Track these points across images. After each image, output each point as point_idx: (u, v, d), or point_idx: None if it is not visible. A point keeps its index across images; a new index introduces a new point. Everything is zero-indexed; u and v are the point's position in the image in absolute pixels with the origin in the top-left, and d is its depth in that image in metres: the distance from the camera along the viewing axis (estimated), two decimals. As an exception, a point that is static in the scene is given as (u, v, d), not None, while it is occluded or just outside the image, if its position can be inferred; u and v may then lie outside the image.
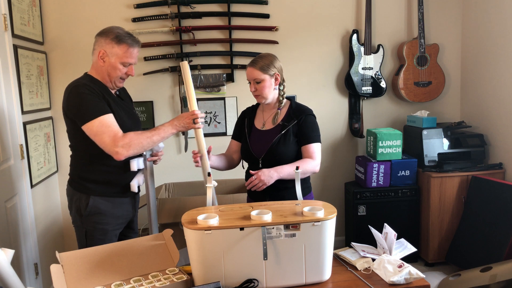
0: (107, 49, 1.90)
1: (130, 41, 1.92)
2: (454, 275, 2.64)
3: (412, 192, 3.25)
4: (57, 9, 3.11)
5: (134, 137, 1.83)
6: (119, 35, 1.90)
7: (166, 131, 1.90)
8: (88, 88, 1.86)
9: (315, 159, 2.01)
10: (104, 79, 1.95)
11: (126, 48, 1.91)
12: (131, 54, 1.92)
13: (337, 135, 3.56)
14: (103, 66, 1.92)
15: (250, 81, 2.06)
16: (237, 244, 1.49)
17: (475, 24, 3.38)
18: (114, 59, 1.91)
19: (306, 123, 2.05)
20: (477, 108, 3.43)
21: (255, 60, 2.06)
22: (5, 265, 1.60)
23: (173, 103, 3.32)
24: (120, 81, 1.98)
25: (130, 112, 2.07)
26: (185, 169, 3.36)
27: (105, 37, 1.91)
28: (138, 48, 1.96)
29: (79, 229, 1.99)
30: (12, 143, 2.46)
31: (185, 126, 1.92)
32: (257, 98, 2.09)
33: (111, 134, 1.80)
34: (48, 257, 2.87)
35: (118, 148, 1.80)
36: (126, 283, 1.55)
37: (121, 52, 1.90)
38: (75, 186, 1.98)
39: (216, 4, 3.24)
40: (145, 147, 1.86)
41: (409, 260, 1.97)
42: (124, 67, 1.93)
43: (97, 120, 1.81)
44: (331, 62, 3.46)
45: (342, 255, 1.79)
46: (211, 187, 1.74)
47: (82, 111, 1.83)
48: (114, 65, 1.91)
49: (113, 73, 1.92)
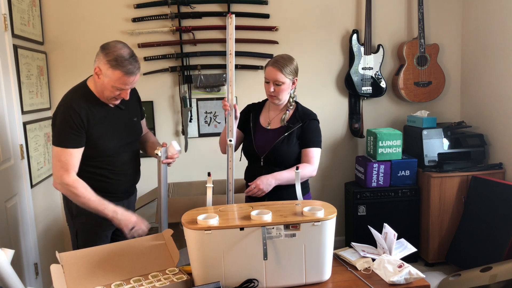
0: (102, 68, 1.79)
1: (126, 69, 1.77)
2: (454, 275, 2.64)
3: (412, 192, 3.24)
4: (57, 9, 3.11)
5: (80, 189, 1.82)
6: (118, 59, 1.76)
7: (105, 210, 1.85)
8: (74, 113, 1.82)
9: (313, 164, 2.04)
10: (98, 93, 1.89)
11: (120, 76, 1.77)
12: (125, 81, 1.80)
13: (337, 135, 3.56)
14: (98, 81, 1.84)
15: (269, 81, 2.03)
16: (237, 244, 1.49)
17: (475, 24, 3.38)
18: (107, 81, 1.80)
19: (310, 127, 2.07)
20: (477, 108, 3.43)
21: (279, 62, 2.01)
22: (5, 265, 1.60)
23: (173, 103, 3.32)
24: (113, 100, 1.88)
25: (125, 125, 1.99)
26: (185, 169, 3.36)
27: (104, 55, 1.78)
28: (135, 76, 1.82)
29: (71, 229, 2.01)
30: (12, 143, 2.46)
31: (123, 224, 1.88)
32: (272, 99, 2.07)
33: (65, 167, 1.82)
34: (48, 257, 2.87)
35: (59, 182, 1.83)
36: (126, 283, 1.55)
37: (115, 78, 1.78)
38: None
39: (216, 4, 3.24)
40: (79, 202, 1.85)
41: (409, 260, 1.97)
42: (117, 90, 1.83)
43: (60, 149, 1.83)
44: (331, 62, 3.46)
45: (342, 255, 1.79)
46: (211, 187, 1.74)
47: (56, 133, 1.86)
48: (107, 86, 1.81)
49: (106, 92, 1.85)
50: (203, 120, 3.36)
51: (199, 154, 3.39)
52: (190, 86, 3.29)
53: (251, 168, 2.15)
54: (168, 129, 3.35)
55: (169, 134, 3.35)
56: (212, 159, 3.40)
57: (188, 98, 3.28)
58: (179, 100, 3.30)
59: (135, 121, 2.06)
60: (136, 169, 2.10)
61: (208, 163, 3.38)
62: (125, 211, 1.90)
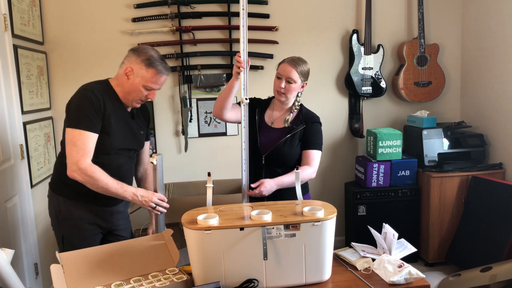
0: (135, 68, 1.83)
1: (160, 67, 1.85)
2: (454, 275, 2.64)
3: (412, 192, 3.25)
4: (57, 9, 3.11)
5: (97, 172, 1.75)
6: (151, 59, 1.83)
7: (125, 193, 1.81)
8: (93, 95, 1.79)
9: (313, 166, 2.05)
10: (122, 93, 1.89)
11: (154, 74, 1.83)
12: (157, 81, 1.85)
13: (337, 135, 3.56)
14: (126, 82, 1.85)
15: (282, 77, 2.04)
16: (237, 244, 1.49)
17: (475, 24, 3.38)
18: (139, 80, 1.83)
19: (312, 129, 2.08)
20: (477, 108, 3.43)
21: (297, 61, 2.05)
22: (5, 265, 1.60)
23: (173, 103, 3.32)
24: (138, 102, 1.91)
25: (133, 132, 1.97)
26: (185, 169, 3.36)
27: (137, 56, 1.84)
28: (167, 75, 1.89)
29: (57, 233, 1.94)
30: (12, 143, 2.46)
31: (143, 203, 1.85)
32: (280, 96, 2.07)
33: (81, 152, 1.74)
34: (48, 257, 2.87)
35: (77, 168, 1.74)
36: (126, 283, 1.55)
37: (148, 76, 1.83)
38: (54, 188, 1.93)
39: (216, 4, 3.24)
40: (99, 186, 1.77)
41: (409, 260, 1.97)
42: (146, 90, 1.86)
43: (77, 131, 1.75)
44: (331, 62, 3.46)
45: (342, 255, 1.79)
46: (211, 187, 1.74)
47: (72, 114, 1.79)
48: (137, 86, 1.84)
49: (133, 93, 1.86)
50: (203, 120, 3.36)
51: (199, 154, 3.39)
52: (190, 86, 3.29)
53: (252, 168, 2.15)
54: (168, 129, 3.35)
55: (169, 134, 3.35)
56: (212, 159, 3.40)
57: (188, 98, 3.28)
58: (179, 100, 3.30)
59: (141, 134, 2.04)
60: (129, 175, 2.03)
61: (208, 163, 3.38)
62: (145, 192, 1.86)
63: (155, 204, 1.85)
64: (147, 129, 2.14)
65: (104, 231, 2.00)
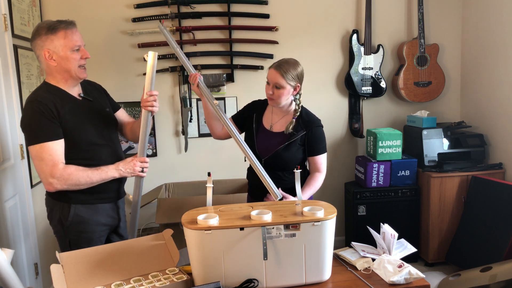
0: (47, 46, 1.77)
1: (63, 25, 1.79)
2: (454, 275, 2.64)
3: (412, 192, 3.24)
4: (57, 9, 3.10)
5: (74, 172, 1.75)
6: (50, 25, 1.78)
7: (108, 174, 1.83)
8: (41, 104, 1.74)
9: (322, 171, 2.08)
10: (63, 77, 1.83)
11: (64, 33, 1.78)
12: (72, 36, 1.79)
13: (337, 135, 3.56)
14: (57, 64, 1.80)
15: (270, 83, 2.01)
16: (237, 244, 1.49)
17: (475, 24, 3.38)
18: (61, 51, 1.78)
19: (315, 135, 2.06)
20: (477, 108, 3.43)
21: (282, 66, 1.99)
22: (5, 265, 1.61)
23: (173, 103, 3.33)
24: (81, 70, 1.85)
25: (99, 114, 1.95)
26: (185, 169, 3.36)
27: (39, 37, 1.78)
28: (75, 28, 1.83)
29: (62, 239, 1.92)
30: (12, 143, 2.46)
31: (130, 172, 1.87)
32: (270, 101, 2.06)
33: (50, 164, 1.72)
34: (48, 257, 2.87)
35: (53, 180, 1.73)
36: (126, 283, 1.55)
37: (63, 39, 1.78)
38: (54, 196, 1.87)
39: (216, 4, 3.24)
40: (82, 185, 1.78)
41: (409, 260, 1.97)
42: (76, 52, 1.81)
43: (39, 146, 1.72)
44: (331, 62, 3.46)
45: (342, 255, 1.79)
46: (211, 187, 1.74)
47: (28, 131, 1.77)
48: (66, 57, 1.79)
49: (69, 65, 1.80)
50: (203, 120, 3.36)
51: (199, 154, 3.39)
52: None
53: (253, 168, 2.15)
54: (168, 129, 3.35)
55: (169, 134, 3.35)
56: (212, 159, 3.40)
57: (188, 98, 3.28)
58: (179, 100, 3.30)
59: (107, 111, 2.01)
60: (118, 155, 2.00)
61: (208, 163, 3.38)
62: (125, 163, 1.87)
63: (141, 168, 1.87)
64: (111, 100, 2.11)
65: (111, 229, 2.02)
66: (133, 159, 1.90)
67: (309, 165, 2.10)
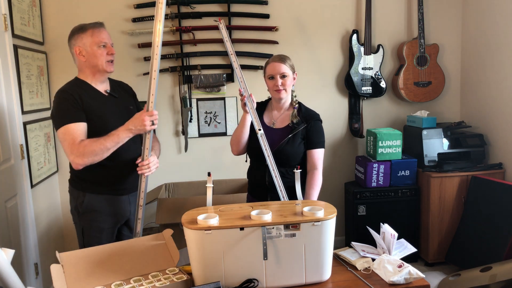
0: (78, 43, 1.96)
1: (91, 24, 1.98)
2: (454, 275, 2.64)
3: (412, 192, 3.25)
4: (57, 9, 3.11)
5: (87, 145, 1.83)
6: (81, 26, 1.98)
7: (121, 136, 1.87)
8: (66, 93, 1.90)
9: (318, 167, 2.09)
10: (91, 71, 1.98)
11: (92, 31, 1.96)
12: (99, 34, 1.97)
13: (337, 135, 3.56)
14: (86, 60, 1.96)
15: (274, 76, 2.08)
16: (237, 244, 1.49)
17: (475, 24, 3.38)
18: (89, 46, 1.95)
19: (314, 128, 2.11)
20: (477, 108, 3.43)
21: (282, 57, 2.11)
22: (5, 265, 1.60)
23: (173, 103, 3.33)
24: (108, 64, 1.99)
25: (123, 110, 2.05)
26: (185, 169, 3.36)
27: (72, 36, 1.98)
28: (103, 28, 2.01)
29: (77, 226, 2.04)
30: (12, 143, 2.46)
31: (141, 128, 1.89)
32: (280, 93, 2.09)
33: (70, 142, 1.83)
34: (48, 257, 2.87)
35: (73, 157, 1.84)
36: (126, 283, 1.55)
37: (90, 37, 1.95)
38: (73, 184, 2.03)
39: (216, 4, 3.24)
40: (99, 153, 1.84)
41: (409, 260, 1.97)
42: (102, 48, 1.97)
43: (63, 128, 1.86)
44: (331, 62, 3.46)
45: (342, 255, 1.79)
46: (211, 187, 1.74)
47: (54, 117, 1.91)
48: (93, 52, 1.95)
49: (97, 60, 1.95)
50: (203, 120, 3.36)
51: (199, 154, 3.39)
52: (190, 86, 3.29)
53: (255, 167, 2.16)
54: (168, 129, 3.35)
55: (169, 134, 3.35)
56: (212, 159, 3.40)
57: (188, 98, 3.28)
58: (179, 100, 3.30)
59: (131, 109, 2.10)
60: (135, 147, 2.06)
61: (208, 163, 3.38)
62: (134, 121, 1.89)
63: (151, 121, 1.91)
64: (137, 103, 2.20)
65: (122, 222, 2.08)
66: (141, 114, 1.91)
67: (308, 160, 2.11)
